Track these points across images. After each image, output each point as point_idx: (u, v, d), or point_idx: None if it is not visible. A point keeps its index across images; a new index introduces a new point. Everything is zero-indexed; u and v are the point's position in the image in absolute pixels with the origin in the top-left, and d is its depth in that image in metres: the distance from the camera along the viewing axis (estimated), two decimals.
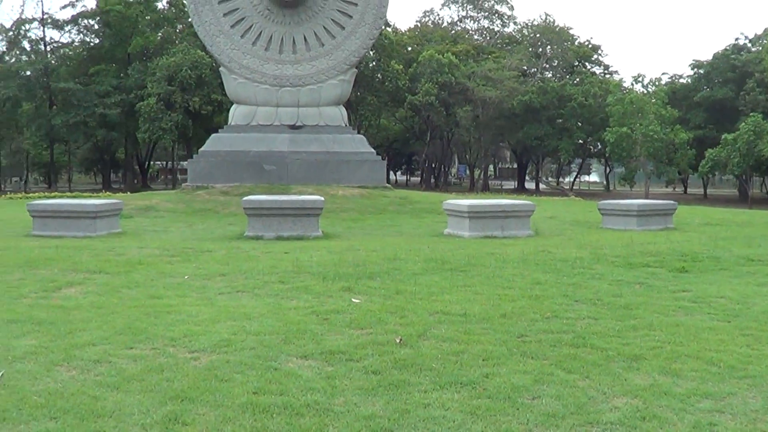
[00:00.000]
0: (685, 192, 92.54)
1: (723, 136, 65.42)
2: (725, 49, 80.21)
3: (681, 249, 16.45)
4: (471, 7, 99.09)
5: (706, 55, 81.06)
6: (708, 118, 77.63)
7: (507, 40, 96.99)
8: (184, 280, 12.33)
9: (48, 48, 79.50)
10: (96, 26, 79.75)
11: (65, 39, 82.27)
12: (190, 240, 19.43)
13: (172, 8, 79.15)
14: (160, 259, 14.80)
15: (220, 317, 9.56)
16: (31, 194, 42.59)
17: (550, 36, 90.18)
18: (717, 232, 22.57)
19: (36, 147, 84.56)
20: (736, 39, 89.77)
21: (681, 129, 69.60)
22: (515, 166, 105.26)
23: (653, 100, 70.01)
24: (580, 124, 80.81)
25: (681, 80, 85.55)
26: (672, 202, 26.36)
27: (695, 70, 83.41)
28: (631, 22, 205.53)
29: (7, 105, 72.64)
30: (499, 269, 13.45)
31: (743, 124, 63.92)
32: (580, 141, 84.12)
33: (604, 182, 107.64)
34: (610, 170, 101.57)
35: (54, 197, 34.15)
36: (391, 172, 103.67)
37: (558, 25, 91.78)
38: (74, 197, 33.29)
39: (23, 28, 76.93)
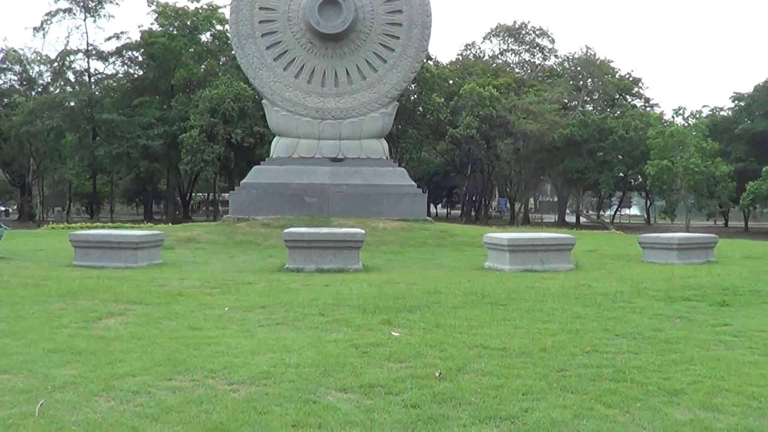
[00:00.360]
0: (726, 225, 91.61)
1: (764, 169, 64.76)
2: (766, 81, 79.53)
3: (722, 282, 16.29)
4: (512, 40, 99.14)
5: (747, 87, 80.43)
6: (749, 150, 76.89)
7: (548, 73, 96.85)
8: (224, 312, 12.36)
9: (92, 79, 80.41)
10: (140, 58, 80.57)
11: (109, 70, 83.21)
12: (231, 272, 19.50)
13: (216, 41, 79.79)
14: (200, 290, 14.85)
15: (259, 349, 9.56)
16: (73, 224, 42.96)
17: (591, 69, 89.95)
18: (758, 265, 22.31)
19: (79, 177, 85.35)
20: None
21: (722, 162, 68.92)
22: (556, 199, 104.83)
23: (694, 133, 69.45)
24: (620, 157, 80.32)
25: (722, 113, 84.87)
26: (713, 235, 26.12)
27: (736, 102, 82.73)
28: (672, 54, 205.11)
29: (51, 135, 73.45)
30: (539, 303, 13.37)
31: None
32: (621, 174, 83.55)
33: (645, 215, 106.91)
34: (651, 203, 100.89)
35: (96, 228, 34.48)
36: (432, 205, 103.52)
37: (599, 58, 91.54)
38: (116, 228, 33.55)
39: (68, 59, 77.99)
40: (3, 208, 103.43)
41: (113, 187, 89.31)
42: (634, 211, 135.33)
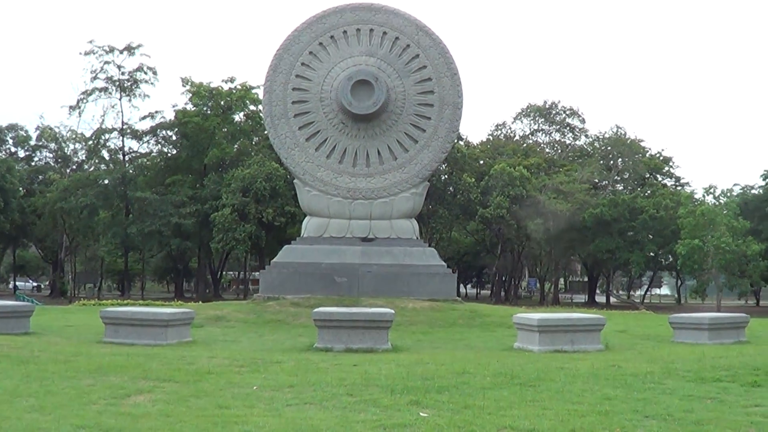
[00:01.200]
0: (758, 304, 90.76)
1: None
2: None
3: (753, 363, 16.14)
4: (543, 120, 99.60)
5: None
6: None
7: (578, 153, 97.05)
8: (252, 391, 12.38)
9: (126, 158, 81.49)
10: (174, 137, 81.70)
11: (143, 149, 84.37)
12: (260, 351, 19.53)
13: (249, 121, 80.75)
14: (229, 369, 14.88)
15: (287, 429, 9.57)
16: (104, 301, 43.15)
17: (622, 148, 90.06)
18: None
19: (111, 254, 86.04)
20: None
21: (753, 240, 68.49)
22: (586, 279, 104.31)
23: (725, 212, 69.20)
24: (651, 236, 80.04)
25: (752, 191, 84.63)
26: (744, 314, 25.93)
27: (767, 180, 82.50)
28: (704, 132, 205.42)
29: (84, 212, 74.24)
30: (569, 384, 13.30)
31: None
32: (651, 254, 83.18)
33: (676, 295, 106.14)
34: (682, 283, 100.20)
35: (126, 305, 34.61)
36: (461, 285, 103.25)
37: (629, 137, 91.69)
38: (146, 305, 33.67)
39: (103, 137, 79.07)
40: (35, 284, 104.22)
41: (145, 265, 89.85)
42: (665, 291, 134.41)
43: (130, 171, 79.12)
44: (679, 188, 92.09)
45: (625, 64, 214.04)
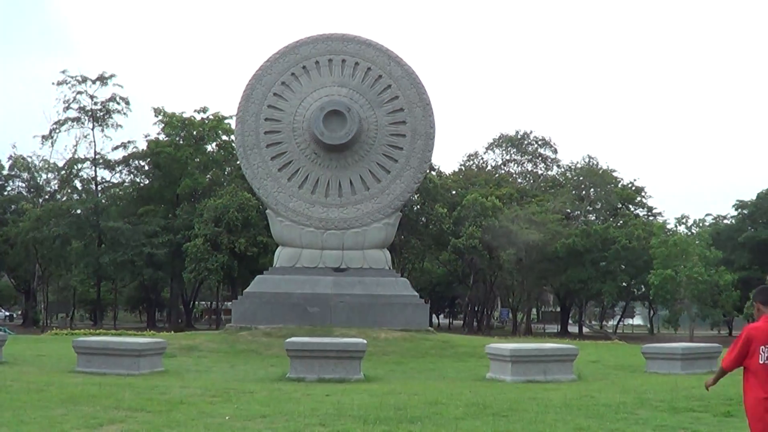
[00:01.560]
0: (731, 334, 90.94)
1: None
2: None
3: (726, 392, 16.24)
4: (515, 150, 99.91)
5: (750, 195, 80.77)
6: (752, 258, 76.88)
7: (550, 183, 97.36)
8: (224, 421, 12.37)
9: (99, 187, 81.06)
10: (146, 167, 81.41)
11: (116, 179, 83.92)
12: (232, 380, 19.51)
13: (221, 151, 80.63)
14: (201, 398, 14.86)
15: None
16: (76, 331, 42.92)
17: (594, 179, 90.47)
18: None
19: (83, 284, 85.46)
20: None
21: (725, 270, 68.79)
22: (558, 309, 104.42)
23: (697, 242, 69.54)
24: (623, 266, 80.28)
25: (725, 221, 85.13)
26: (716, 344, 26.09)
27: (739, 210, 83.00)
28: (676, 162, 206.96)
29: (57, 242, 73.78)
30: (542, 414, 13.36)
31: None
32: (624, 284, 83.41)
33: (648, 325, 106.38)
34: (654, 313, 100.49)
35: (99, 334, 34.46)
36: (434, 316, 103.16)
37: (601, 168, 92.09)
38: (119, 335, 33.55)
39: (76, 167, 78.64)
40: (8, 313, 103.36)
41: (117, 295, 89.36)
42: (638, 321, 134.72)
43: (103, 201, 78.72)
44: (651, 218, 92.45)
45: (598, 94, 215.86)
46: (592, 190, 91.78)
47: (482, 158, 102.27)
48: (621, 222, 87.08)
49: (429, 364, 25.98)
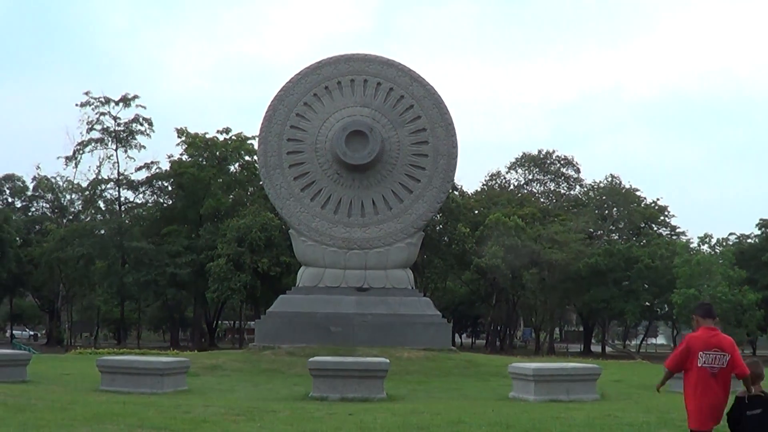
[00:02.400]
0: (754, 354, 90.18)
1: None
2: None
3: None
4: (537, 170, 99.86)
5: None
6: None
7: (573, 203, 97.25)
8: None
9: (122, 208, 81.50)
10: (169, 188, 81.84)
11: (139, 199, 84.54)
12: (256, 400, 19.56)
13: (244, 171, 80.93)
14: (224, 417, 14.92)
15: None
16: (100, 350, 43.12)
17: (617, 198, 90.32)
18: None
19: (107, 304, 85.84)
20: None
21: (749, 290, 68.37)
22: (581, 328, 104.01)
23: (720, 261, 69.26)
24: (646, 286, 79.97)
25: (748, 240, 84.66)
26: None
27: (763, 229, 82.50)
28: (699, 181, 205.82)
29: (80, 262, 74.33)
30: None
31: None
32: (647, 303, 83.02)
33: (672, 345, 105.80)
34: (678, 333, 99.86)
35: (123, 354, 34.62)
36: (456, 335, 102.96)
37: (624, 187, 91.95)
38: (142, 354, 33.69)
39: (99, 188, 79.18)
40: (32, 333, 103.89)
41: (141, 314, 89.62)
42: (661, 340, 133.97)
43: (126, 221, 79.12)
44: (674, 237, 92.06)
45: (621, 112, 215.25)
46: (614, 209, 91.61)
47: (505, 178, 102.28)
48: (644, 241, 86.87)
49: (452, 384, 25.95)
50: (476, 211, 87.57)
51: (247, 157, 79.54)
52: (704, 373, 9.77)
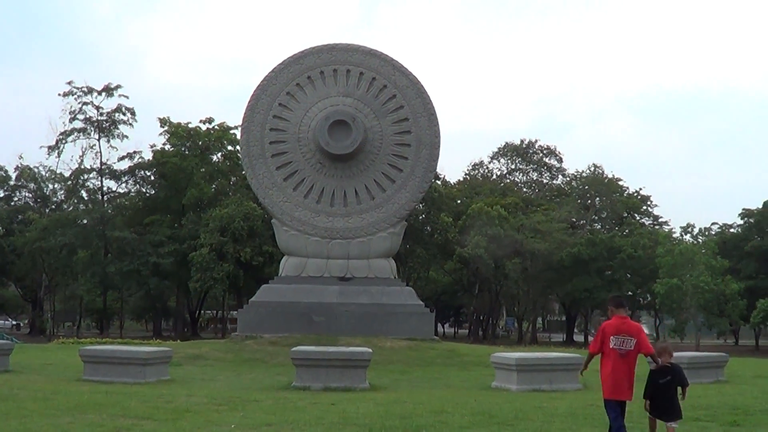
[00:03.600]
0: (737, 343, 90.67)
1: None
2: None
3: (733, 402, 16.26)
4: (520, 160, 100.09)
5: (756, 204, 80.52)
6: (759, 267, 76.62)
7: (556, 192, 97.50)
8: (230, 430, 12.42)
9: (105, 197, 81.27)
10: (152, 177, 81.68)
11: (122, 189, 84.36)
12: (238, 389, 19.55)
13: (227, 161, 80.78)
14: (207, 407, 14.91)
15: None
16: (83, 340, 42.98)
17: (599, 187, 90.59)
18: None
19: (90, 293, 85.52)
20: None
21: (732, 279, 68.70)
22: (564, 318, 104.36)
23: (703, 251, 69.57)
24: (629, 275, 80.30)
25: (731, 230, 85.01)
26: (723, 354, 26.00)
27: (745, 219, 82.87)
28: (682, 171, 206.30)
29: (63, 252, 74.06)
30: (547, 423, 13.40)
31: None
32: (630, 293, 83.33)
33: (654, 334, 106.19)
34: (660, 322, 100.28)
35: (105, 343, 34.51)
36: (439, 325, 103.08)
37: (607, 177, 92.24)
38: (125, 344, 33.61)
39: (82, 178, 78.85)
40: (14, 323, 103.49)
41: (123, 304, 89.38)
42: (644, 329, 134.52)
43: (109, 211, 78.87)
44: (657, 227, 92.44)
45: (603, 102, 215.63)
46: (597, 199, 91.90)
47: (487, 167, 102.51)
48: (626, 231, 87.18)
49: (434, 373, 25.98)
50: (459, 201, 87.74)
51: (229, 147, 79.43)
52: (615, 353, 11.85)
